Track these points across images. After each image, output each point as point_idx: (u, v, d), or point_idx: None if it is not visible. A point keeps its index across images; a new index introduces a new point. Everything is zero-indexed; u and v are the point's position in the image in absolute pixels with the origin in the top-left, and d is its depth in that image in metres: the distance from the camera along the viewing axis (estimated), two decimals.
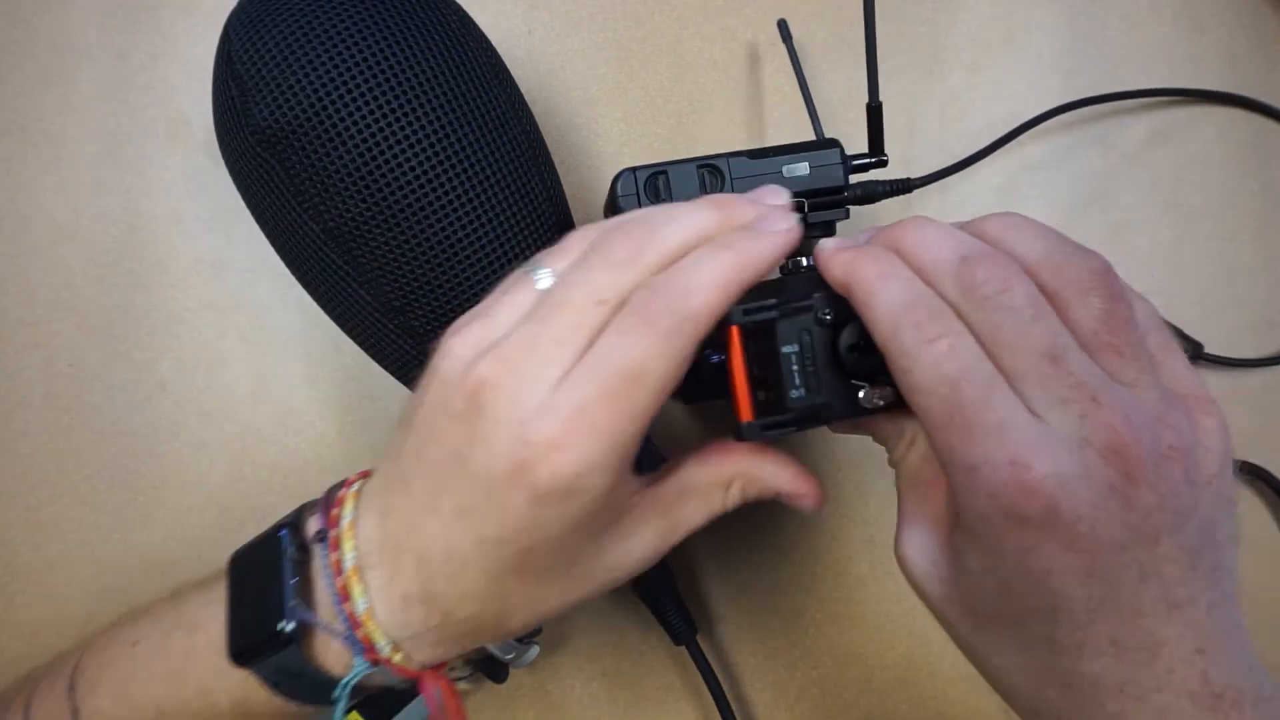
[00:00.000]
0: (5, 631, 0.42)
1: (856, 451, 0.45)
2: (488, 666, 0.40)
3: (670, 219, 0.27)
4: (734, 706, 0.41)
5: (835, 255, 0.27)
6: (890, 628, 0.45)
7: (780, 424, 0.28)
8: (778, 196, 0.29)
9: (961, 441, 0.23)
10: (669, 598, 0.40)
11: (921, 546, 0.28)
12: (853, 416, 0.28)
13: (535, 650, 0.40)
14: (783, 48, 0.45)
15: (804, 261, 0.34)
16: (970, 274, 0.25)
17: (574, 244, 0.28)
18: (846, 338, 0.28)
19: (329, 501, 0.30)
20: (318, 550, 0.29)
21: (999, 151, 0.46)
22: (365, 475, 0.31)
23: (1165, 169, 0.47)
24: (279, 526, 0.31)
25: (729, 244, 0.26)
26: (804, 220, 0.34)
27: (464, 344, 0.27)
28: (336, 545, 0.29)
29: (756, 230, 0.27)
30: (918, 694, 0.44)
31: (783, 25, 0.44)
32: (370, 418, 0.44)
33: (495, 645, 0.38)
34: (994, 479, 0.23)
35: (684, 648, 0.41)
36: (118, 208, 0.43)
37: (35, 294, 0.43)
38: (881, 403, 0.28)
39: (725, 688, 0.41)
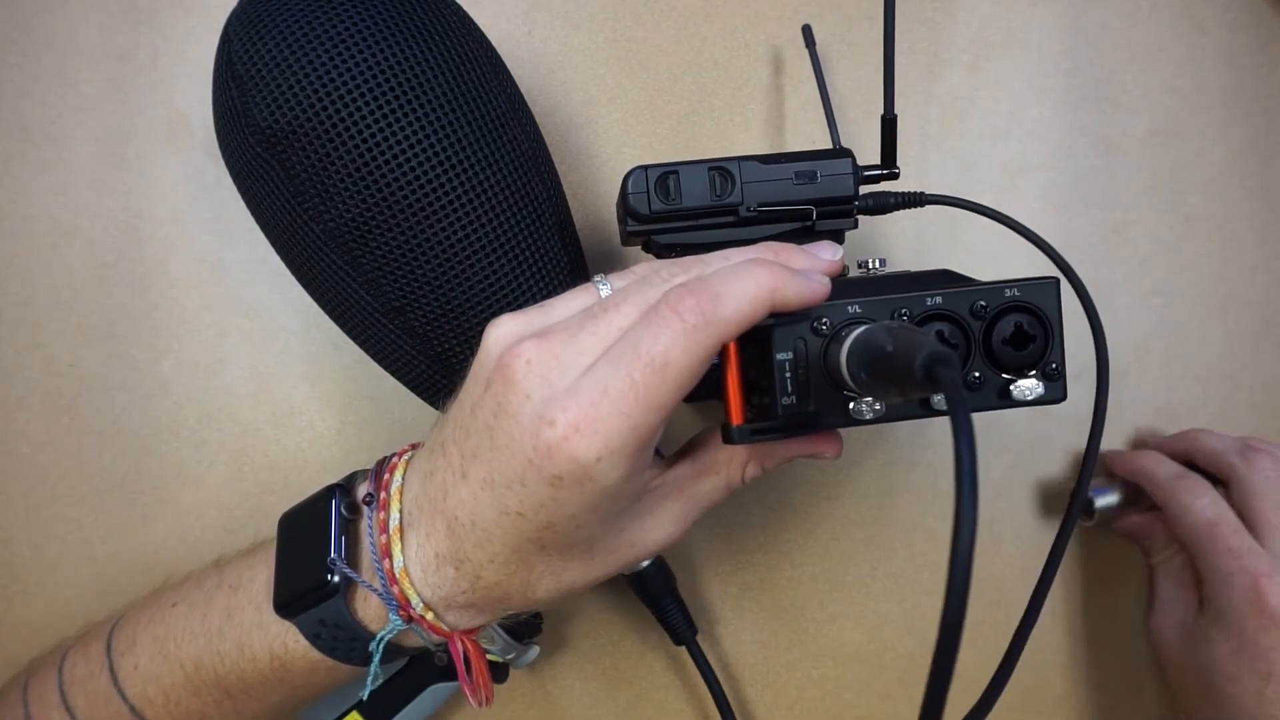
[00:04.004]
0: (5, 632, 0.42)
1: (856, 453, 0.45)
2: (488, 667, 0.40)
3: (727, 257, 0.30)
4: (734, 706, 0.41)
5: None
6: (890, 628, 0.45)
7: (768, 429, 0.28)
8: (832, 252, 0.31)
9: (1221, 559, 0.38)
10: (669, 598, 0.40)
11: (1176, 620, 0.41)
12: (841, 426, 0.29)
13: (535, 650, 0.40)
14: (785, 48, 0.45)
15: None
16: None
17: (641, 269, 0.30)
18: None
19: (380, 468, 0.32)
20: (365, 511, 0.31)
21: (999, 150, 0.46)
22: (416, 446, 0.33)
23: (1165, 169, 0.47)
24: (331, 488, 0.33)
25: (770, 266, 0.27)
26: (812, 229, 0.34)
27: (515, 322, 0.28)
28: (384, 506, 0.30)
29: (800, 271, 0.28)
30: (917, 694, 0.44)
31: (807, 31, 0.43)
32: (370, 418, 0.44)
33: (497, 648, 0.38)
34: (1244, 583, 0.37)
35: (684, 648, 0.41)
36: (118, 208, 0.43)
37: (35, 294, 0.42)
38: (870, 415, 0.28)
39: (725, 688, 0.41)
